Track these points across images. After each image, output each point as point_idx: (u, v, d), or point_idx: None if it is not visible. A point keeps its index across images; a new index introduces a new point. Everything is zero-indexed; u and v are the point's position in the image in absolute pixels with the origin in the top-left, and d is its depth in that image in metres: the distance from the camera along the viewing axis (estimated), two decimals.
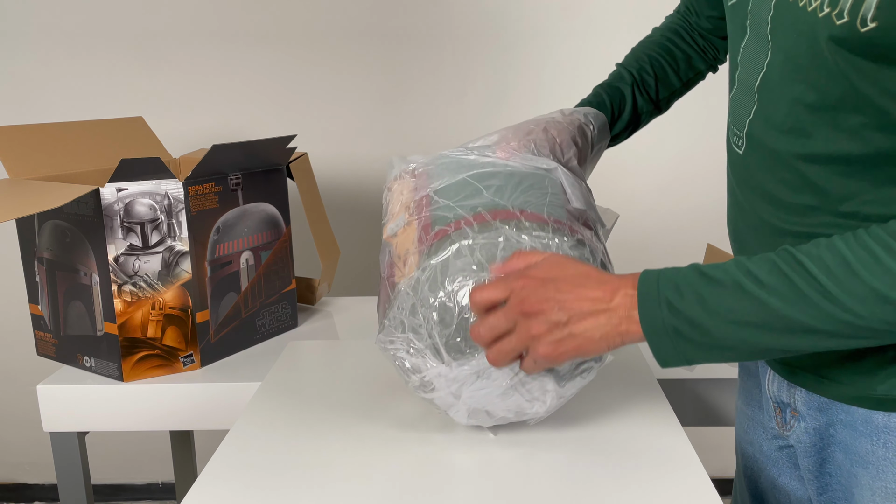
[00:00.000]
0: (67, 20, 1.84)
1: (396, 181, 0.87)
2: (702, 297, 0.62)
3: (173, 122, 1.87)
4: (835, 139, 0.65)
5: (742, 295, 0.61)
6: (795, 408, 0.80)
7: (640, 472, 0.74)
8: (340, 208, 1.92)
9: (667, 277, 0.64)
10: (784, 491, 0.86)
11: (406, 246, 0.79)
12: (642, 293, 0.65)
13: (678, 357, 0.65)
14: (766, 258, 0.62)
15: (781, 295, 0.60)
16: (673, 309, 0.63)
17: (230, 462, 0.78)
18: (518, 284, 0.68)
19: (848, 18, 0.58)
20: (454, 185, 0.80)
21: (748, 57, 0.72)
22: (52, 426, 1.09)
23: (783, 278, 0.61)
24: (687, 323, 0.63)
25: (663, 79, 0.98)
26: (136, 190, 1.05)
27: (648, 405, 0.88)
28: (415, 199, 0.81)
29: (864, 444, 0.73)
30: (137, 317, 1.08)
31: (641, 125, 1.00)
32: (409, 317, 0.75)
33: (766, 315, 0.61)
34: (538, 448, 0.80)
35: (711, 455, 1.63)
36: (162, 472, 2.16)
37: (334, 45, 1.85)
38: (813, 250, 0.61)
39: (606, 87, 0.98)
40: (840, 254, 0.60)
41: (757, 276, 0.61)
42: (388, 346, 0.78)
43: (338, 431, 0.84)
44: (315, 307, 1.44)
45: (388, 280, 0.81)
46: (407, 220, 0.81)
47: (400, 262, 0.79)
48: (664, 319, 0.64)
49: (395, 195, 0.85)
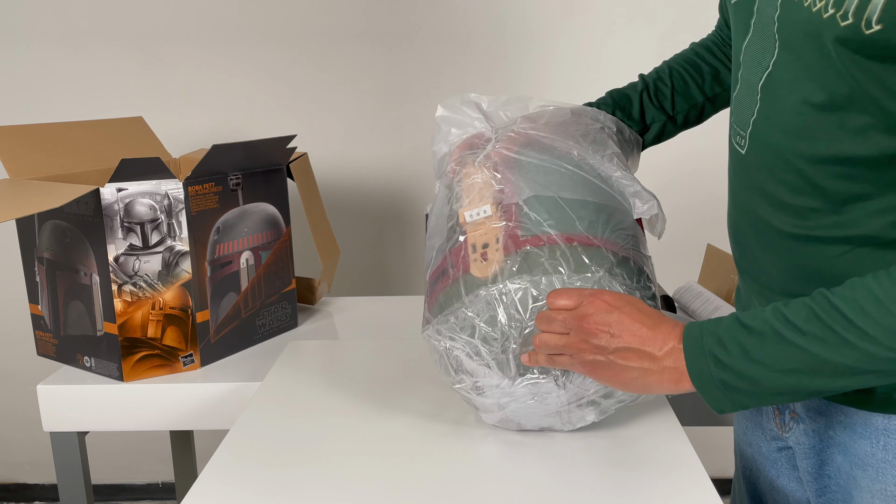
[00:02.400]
0: (67, 20, 1.84)
1: (473, 167, 0.84)
2: (745, 350, 0.64)
3: (173, 122, 1.87)
4: (840, 140, 0.65)
5: (783, 344, 0.63)
6: (794, 409, 0.80)
7: (641, 472, 0.74)
8: (340, 208, 1.92)
9: (709, 331, 0.66)
10: (783, 492, 0.86)
11: (486, 241, 0.79)
12: (688, 347, 0.67)
13: (733, 405, 0.67)
14: (803, 304, 0.63)
15: (822, 341, 0.61)
16: (719, 363, 0.65)
17: (230, 462, 0.78)
18: (588, 300, 0.72)
19: (853, 20, 0.58)
20: (545, 202, 0.80)
21: (751, 56, 0.72)
22: (52, 426, 1.09)
23: (821, 324, 0.62)
24: (735, 375, 0.65)
25: (682, 91, 0.97)
26: (136, 190, 1.05)
27: (648, 405, 0.88)
28: (502, 202, 0.80)
29: (863, 447, 0.72)
30: (137, 317, 1.08)
31: (653, 135, 0.98)
32: (484, 324, 0.76)
33: (811, 361, 0.62)
34: (538, 448, 0.80)
35: (711, 455, 1.63)
36: (162, 472, 2.16)
37: (334, 45, 1.85)
38: (847, 293, 0.62)
39: (616, 91, 0.98)
40: (872, 293, 0.60)
41: (795, 325, 0.63)
42: (445, 342, 0.78)
43: (338, 431, 0.84)
44: (315, 307, 1.44)
45: (455, 265, 0.80)
46: (491, 216, 0.80)
47: (476, 255, 0.78)
48: (712, 373, 0.66)
49: (473, 181, 0.83)
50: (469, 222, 0.81)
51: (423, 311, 0.84)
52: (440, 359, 0.81)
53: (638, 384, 0.70)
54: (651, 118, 0.97)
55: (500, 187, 0.81)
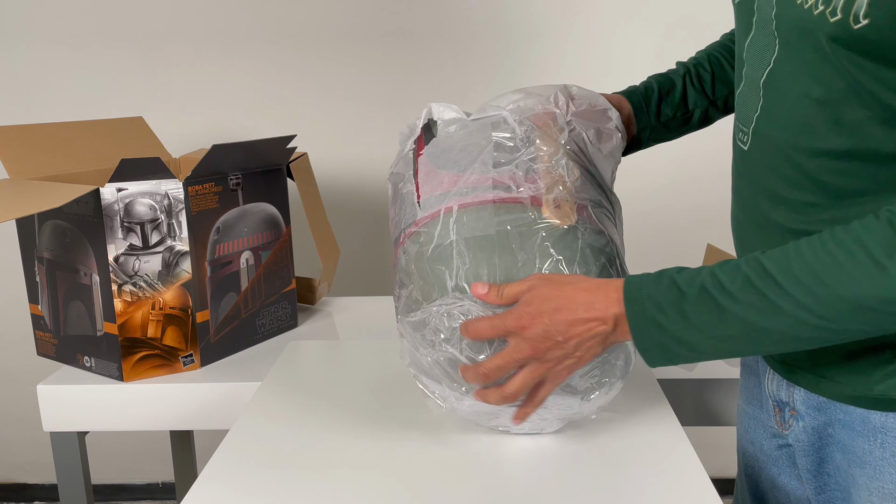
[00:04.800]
0: (67, 20, 1.84)
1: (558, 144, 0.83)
2: (684, 315, 0.66)
3: (173, 122, 1.87)
4: (839, 134, 0.65)
5: (720, 311, 0.65)
6: (794, 407, 0.80)
7: (641, 472, 0.74)
8: (340, 208, 1.92)
9: (649, 295, 0.68)
10: (784, 490, 0.87)
11: (562, 194, 0.78)
12: (631, 313, 0.69)
13: (671, 363, 0.69)
14: (738, 269, 0.65)
15: (756, 308, 0.63)
16: (660, 328, 0.67)
17: (230, 462, 0.78)
18: (513, 326, 0.71)
19: (841, 16, 0.59)
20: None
21: (754, 53, 0.73)
22: (52, 426, 1.09)
23: (755, 291, 0.63)
24: (674, 340, 0.67)
25: (721, 76, 0.97)
26: (136, 190, 1.05)
27: (648, 405, 0.89)
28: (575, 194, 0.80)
29: (861, 444, 0.73)
30: (137, 317, 1.08)
31: (697, 119, 0.98)
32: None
33: (746, 328, 0.64)
34: (538, 448, 0.80)
35: (711, 455, 1.63)
36: (162, 472, 2.16)
37: (334, 45, 1.85)
38: (782, 259, 0.63)
39: (658, 75, 0.98)
40: (807, 262, 0.62)
41: (731, 292, 0.64)
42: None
43: (337, 431, 0.84)
44: (315, 307, 1.44)
45: (520, 186, 0.78)
46: (575, 178, 0.80)
47: (549, 198, 0.78)
48: (653, 336, 0.68)
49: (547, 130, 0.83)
50: (550, 169, 0.80)
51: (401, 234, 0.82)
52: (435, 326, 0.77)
53: (599, 350, 0.72)
54: (693, 103, 0.97)
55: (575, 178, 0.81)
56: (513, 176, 0.79)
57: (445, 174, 0.81)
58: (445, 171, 0.81)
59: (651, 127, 0.97)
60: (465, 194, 0.79)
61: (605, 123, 0.88)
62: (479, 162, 0.80)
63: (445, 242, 0.77)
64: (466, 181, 0.80)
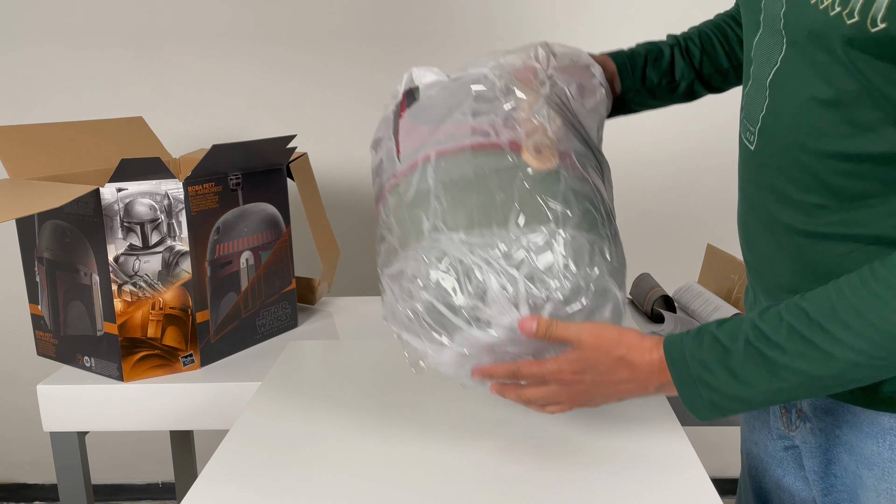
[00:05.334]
0: (67, 20, 1.84)
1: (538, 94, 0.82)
2: (731, 372, 0.65)
3: (173, 122, 1.87)
4: (848, 136, 0.65)
5: (769, 364, 0.64)
6: (801, 408, 0.80)
7: (641, 472, 0.74)
8: (340, 208, 1.92)
9: (692, 355, 0.67)
10: (788, 492, 0.86)
11: (542, 140, 0.77)
12: (677, 378, 0.68)
13: (722, 416, 0.69)
14: (779, 318, 0.64)
15: (806, 358, 0.62)
16: (709, 387, 0.67)
17: (230, 462, 0.78)
18: (558, 378, 0.73)
19: (858, 18, 0.58)
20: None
21: (762, 52, 0.72)
22: (52, 426, 1.09)
23: (802, 340, 0.62)
24: (724, 397, 0.66)
25: (710, 53, 0.96)
26: (136, 190, 1.05)
27: (648, 405, 0.88)
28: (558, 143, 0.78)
29: (869, 446, 0.72)
30: (137, 317, 1.08)
31: (684, 92, 0.98)
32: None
33: (798, 378, 0.63)
34: (538, 448, 0.80)
35: (711, 455, 1.63)
36: (162, 472, 2.16)
37: (334, 45, 1.85)
38: (824, 302, 0.62)
39: (647, 42, 0.98)
40: (850, 304, 0.61)
41: (777, 343, 0.63)
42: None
43: (337, 431, 0.84)
44: (315, 307, 1.44)
45: (499, 133, 0.77)
46: (557, 128, 0.78)
47: (530, 144, 0.76)
48: (702, 396, 0.67)
49: (527, 82, 0.81)
50: (530, 117, 0.78)
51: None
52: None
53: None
54: (681, 74, 0.96)
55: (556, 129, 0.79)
56: (492, 123, 0.77)
57: (425, 128, 0.80)
58: (425, 126, 0.80)
59: (635, 90, 0.96)
60: (443, 142, 0.77)
61: (588, 79, 0.87)
62: (458, 112, 0.79)
63: (423, 188, 0.75)
64: (445, 130, 0.78)
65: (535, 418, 0.86)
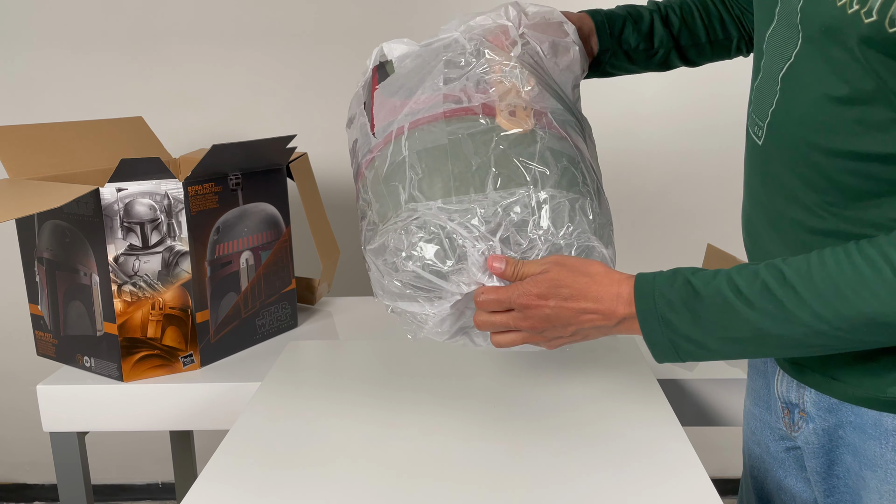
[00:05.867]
0: (67, 20, 1.84)
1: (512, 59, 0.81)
2: (695, 314, 0.66)
3: (173, 122, 1.87)
4: (859, 135, 0.64)
5: (733, 314, 0.65)
6: (804, 408, 0.79)
7: (640, 472, 0.74)
8: (340, 208, 1.92)
9: (661, 293, 0.68)
10: (790, 493, 0.86)
11: (515, 103, 0.76)
12: (641, 310, 0.69)
13: (679, 359, 0.70)
14: (755, 275, 0.65)
15: (771, 316, 0.63)
16: (670, 325, 0.68)
17: (230, 462, 0.78)
18: (518, 303, 0.73)
19: (876, 17, 0.57)
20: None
21: (774, 45, 0.71)
22: (52, 426, 1.09)
23: (773, 299, 0.63)
24: (683, 337, 0.67)
25: (690, 25, 0.96)
26: (135, 190, 1.05)
27: (648, 405, 0.88)
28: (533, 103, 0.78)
29: (872, 447, 0.72)
30: (137, 317, 1.08)
31: (660, 61, 0.98)
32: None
33: (758, 333, 0.64)
34: (538, 448, 0.80)
35: (711, 455, 1.63)
36: (162, 472, 2.16)
37: (334, 45, 1.85)
38: (803, 268, 0.63)
39: (628, 5, 0.98)
40: (829, 274, 0.61)
41: (748, 297, 0.64)
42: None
43: (337, 431, 0.84)
44: (315, 307, 1.44)
45: (471, 98, 0.76)
46: (529, 89, 0.78)
47: (503, 107, 0.76)
48: (663, 333, 0.68)
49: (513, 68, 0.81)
50: (502, 79, 0.78)
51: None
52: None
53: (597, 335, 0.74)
54: (659, 41, 0.96)
55: (530, 89, 0.79)
56: (464, 89, 0.77)
57: (398, 101, 0.80)
58: (398, 99, 0.80)
59: (612, 51, 0.96)
60: (416, 113, 0.77)
61: (562, 37, 0.86)
62: (429, 81, 0.79)
63: (398, 160, 0.75)
64: (417, 101, 0.78)
65: (535, 418, 0.86)
